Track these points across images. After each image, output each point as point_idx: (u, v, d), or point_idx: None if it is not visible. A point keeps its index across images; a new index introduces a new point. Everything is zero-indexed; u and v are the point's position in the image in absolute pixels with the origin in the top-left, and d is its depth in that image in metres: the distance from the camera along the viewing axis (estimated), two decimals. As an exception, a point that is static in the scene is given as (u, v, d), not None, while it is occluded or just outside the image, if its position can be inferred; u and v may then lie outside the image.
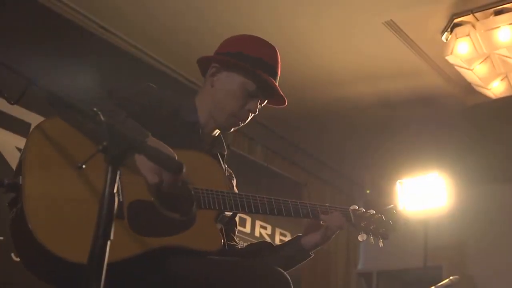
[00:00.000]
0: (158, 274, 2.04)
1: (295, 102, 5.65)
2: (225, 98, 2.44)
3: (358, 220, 2.57)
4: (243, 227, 5.72)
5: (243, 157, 6.01)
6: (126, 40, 5.11)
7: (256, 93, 2.44)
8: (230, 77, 2.44)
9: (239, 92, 2.42)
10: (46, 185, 1.96)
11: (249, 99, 2.43)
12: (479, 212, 6.91)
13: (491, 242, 6.81)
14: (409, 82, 5.46)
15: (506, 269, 6.59)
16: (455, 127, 6.06)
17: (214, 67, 2.47)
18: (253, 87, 2.42)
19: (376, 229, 2.60)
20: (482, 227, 6.89)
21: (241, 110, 2.44)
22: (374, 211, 2.63)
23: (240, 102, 2.43)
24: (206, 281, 2.03)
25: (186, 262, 2.07)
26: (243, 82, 2.42)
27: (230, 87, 2.43)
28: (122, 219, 2.00)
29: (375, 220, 2.61)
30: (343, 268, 7.43)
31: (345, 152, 6.87)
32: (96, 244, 1.42)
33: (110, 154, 1.48)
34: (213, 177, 2.31)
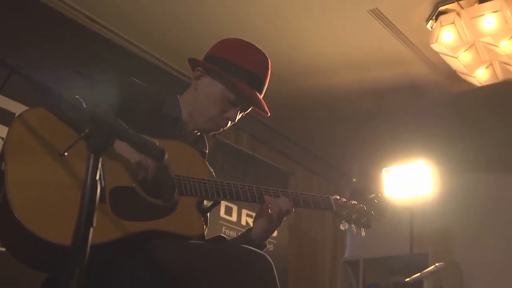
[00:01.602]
0: (139, 258, 2.06)
1: (281, 92, 5.71)
2: (205, 103, 2.46)
3: (340, 209, 2.59)
4: (229, 216, 5.73)
5: (229, 146, 6.02)
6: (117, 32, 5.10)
7: (237, 102, 2.46)
8: (212, 83, 2.46)
9: (219, 99, 2.44)
10: (29, 171, 1.98)
11: (229, 107, 2.46)
12: (464, 200, 6.96)
13: (476, 230, 6.85)
14: (394, 70, 5.47)
15: (491, 256, 6.65)
16: (440, 115, 6.09)
17: (198, 71, 2.50)
18: (233, 97, 2.44)
19: (358, 219, 2.63)
20: (467, 215, 6.93)
21: (220, 117, 2.46)
22: (355, 202, 2.66)
23: (219, 108, 2.45)
24: (187, 265, 2.04)
25: (167, 246, 2.09)
26: (224, 90, 2.44)
27: (211, 93, 2.45)
28: (104, 203, 2.01)
29: (357, 210, 2.64)
30: (330, 256, 7.46)
31: (331, 141, 6.89)
32: (79, 231, 1.43)
33: (92, 141, 1.49)
34: (194, 166, 2.34)
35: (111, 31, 5.07)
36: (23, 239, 1.90)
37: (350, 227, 2.62)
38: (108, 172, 2.07)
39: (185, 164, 2.29)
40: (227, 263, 2.05)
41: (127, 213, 2.07)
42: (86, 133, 1.49)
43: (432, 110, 6.02)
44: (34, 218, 1.90)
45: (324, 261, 7.38)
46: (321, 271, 7.30)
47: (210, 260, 2.06)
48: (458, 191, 6.96)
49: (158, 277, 2.04)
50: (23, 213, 1.89)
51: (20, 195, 1.91)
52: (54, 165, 2.01)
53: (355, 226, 2.63)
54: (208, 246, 2.23)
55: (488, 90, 5.39)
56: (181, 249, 2.10)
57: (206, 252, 2.12)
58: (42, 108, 2.09)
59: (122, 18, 4.97)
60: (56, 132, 2.05)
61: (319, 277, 7.23)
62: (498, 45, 4.73)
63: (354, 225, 2.63)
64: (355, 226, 2.63)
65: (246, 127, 6.40)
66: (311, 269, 7.14)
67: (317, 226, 7.34)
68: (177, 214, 2.17)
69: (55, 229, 1.89)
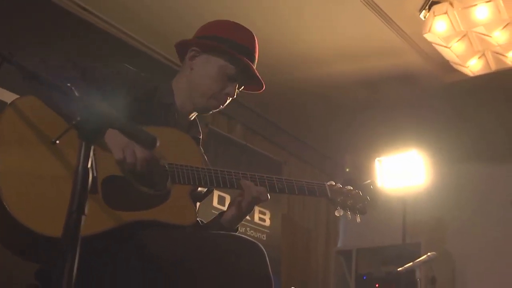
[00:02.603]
0: (132, 247, 2.06)
1: (274, 81, 5.66)
2: (204, 81, 2.46)
3: (335, 195, 2.58)
4: (223, 205, 5.73)
5: (222, 136, 6.02)
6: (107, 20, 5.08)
7: (235, 77, 2.47)
8: (210, 60, 2.46)
9: (218, 75, 2.45)
10: (20, 161, 1.97)
11: (228, 82, 2.46)
12: (456, 190, 6.98)
13: (469, 219, 6.88)
14: (387, 60, 5.47)
15: (483, 245, 6.68)
16: (433, 105, 6.09)
17: (193, 50, 2.49)
18: (233, 71, 2.45)
19: (353, 205, 2.61)
20: (460, 205, 6.96)
21: (221, 93, 2.46)
22: (351, 187, 2.65)
23: (219, 85, 2.45)
24: (180, 254, 2.04)
25: (160, 236, 2.09)
26: (223, 66, 2.45)
27: (209, 70, 2.46)
28: (96, 193, 2.01)
29: (352, 196, 2.62)
30: (323, 246, 7.48)
31: (324, 131, 6.89)
32: (70, 219, 1.43)
33: (84, 130, 1.49)
34: (188, 153, 2.33)
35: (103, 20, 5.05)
36: (14, 231, 1.90)
37: (345, 213, 2.62)
38: (100, 162, 2.07)
39: (178, 151, 2.28)
40: (219, 252, 2.04)
41: (119, 203, 2.07)
42: (78, 121, 1.48)
43: (425, 100, 6.03)
44: (25, 209, 1.89)
45: (317, 251, 7.39)
46: (314, 260, 7.32)
47: (202, 249, 2.06)
48: (451, 181, 6.98)
49: (150, 267, 2.04)
50: (14, 205, 1.88)
51: (10, 185, 1.91)
52: (46, 154, 2.00)
53: (350, 212, 2.62)
54: (201, 235, 2.23)
55: (480, 80, 5.40)
56: (173, 238, 2.10)
57: (198, 241, 2.11)
58: (34, 97, 2.09)
59: (114, 7, 4.96)
60: (48, 121, 2.04)
61: (312, 267, 7.25)
62: (491, 35, 4.74)
63: (349, 211, 2.62)
64: (350, 212, 2.62)
65: (240, 117, 6.39)
66: (304, 258, 7.16)
67: (310, 216, 7.35)
68: (170, 203, 2.17)
69: (46, 220, 1.89)
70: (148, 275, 2.03)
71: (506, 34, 4.76)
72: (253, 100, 6.10)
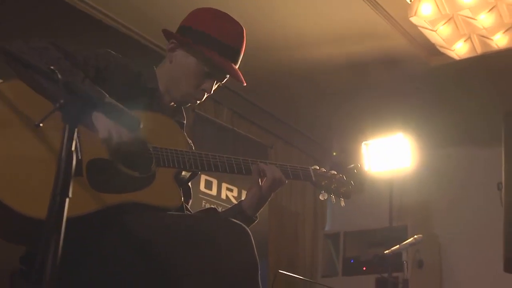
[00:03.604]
0: (116, 230, 2.06)
1: (261, 66, 5.70)
2: (181, 77, 2.46)
3: (319, 179, 2.59)
4: (209, 189, 5.74)
5: (209, 121, 6.01)
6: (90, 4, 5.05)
7: (213, 74, 2.46)
8: (187, 57, 2.46)
9: (194, 72, 2.44)
10: (4, 144, 1.96)
11: (205, 79, 2.46)
12: (443, 173, 7.02)
13: (455, 202, 6.93)
14: (373, 44, 5.47)
15: (469, 227, 6.73)
16: (419, 89, 6.11)
17: (172, 43, 2.49)
18: (209, 69, 2.44)
19: (337, 189, 2.63)
20: (446, 187, 7.00)
21: (197, 90, 2.47)
22: (335, 172, 2.67)
23: (195, 81, 2.45)
24: (165, 236, 2.05)
25: (144, 219, 2.09)
26: (198, 63, 2.44)
27: (186, 66, 2.45)
28: (80, 176, 2.01)
29: (336, 180, 2.64)
30: (310, 229, 7.50)
31: (311, 114, 6.89)
32: (54, 202, 1.43)
33: (67, 112, 1.49)
34: (173, 137, 2.34)
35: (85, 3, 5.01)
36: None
37: (329, 197, 2.63)
38: (85, 145, 2.07)
39: (163, 136, 2.29)
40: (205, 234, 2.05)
41: (104, 186, 2.07)
42: (61, 103, 1.48)
43: (411, 84, 6.04)
44: (10, 191, 1.90)
45: (304, 234, 7.42)
46: (302, 244, 7.34)
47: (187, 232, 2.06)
48: (437, 164, 7.02)
49: (136, 250, 2.05)
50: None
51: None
52: (31, 137, 2.00)
53: (334, 196, 2.64)
54: (184, 217, 2.24)
55: (466, 64, 5.41)
56: (157, 221, 2.11)
57: (183, 224, 2.12)
58: (18, 80, 2.08)
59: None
60: (33, 104, 2.04)
61: (299, 251, 7.28)
62: (477, 18, 4.74)
63: (333, 195, 2.64)
64: (334, 196, 2.64)
65: (226, 101, 6.39)
66: (292, 242, 7.18)
67: (297, 199, 7.37)
68: (155, 186, 2.17)
69: (31, 202, 1.89)
70: (133, 258, 2.04)
71: (491, 17, 4.77)
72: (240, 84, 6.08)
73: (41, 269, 1.38)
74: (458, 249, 6.81)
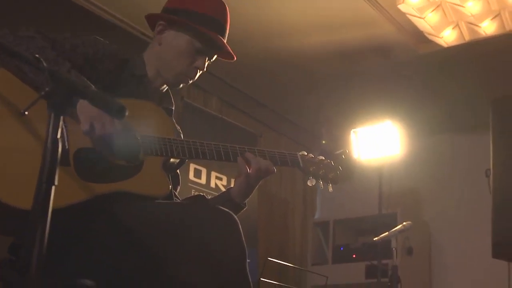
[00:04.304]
0: (105, 220, 2.06)
1: (249, 54, 5.69)
2: (172, 57, 2.46)
3: (307, 165, 2.58)
4: (199, 178, 5.74)
5: (198, 109, 6.00)
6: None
7: (203, 50, 2.46)
8: (177, 36, 2.46)
9: (186, 51, 2.44)
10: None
11: (196, 56, 2.46)
12: (431, 160, 7.04)
13: (444, 189, 6.95)
14: (361, 32, 5.46)
15: (458, 214, 6.76)
16: (408, 76, 6.11)
17: (161, 25, 2.48)
18: (200, 45, 2.44)
19: (325, 174, 2.61)
20: (435, 175, 7.02)
21: (189, 67, 2.46)
22: (323, 157, 2.66)
23: (188, 60, 2.45)
24: (153, 225, 2.05)
25: (133, 208, 2.09)
26: (190, 40, 2.44)
27: (177, 45, 2.45)
28: (68, 166, 2.00)
29: (324, 166, 2.62)
30: (300, 217, 7.52)
31: (300, 103, 6.89)
32: (40, 190, 1.42)
33: (53, 100, 1.48)
34: (160, 125, 2.33)
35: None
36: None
37: (317, 183, 2.62)
38: (72, 135, 2.06)
39: (151, 124, 2.27)
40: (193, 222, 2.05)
41: (92, 175, 2.07)
42: (46, 91, 1.48)
43: (400, 71, 6.04)
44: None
45: (294, 222, 7.43)
46: (291, 233, 7.36)
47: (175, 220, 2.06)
48: (426, 151, 7.04)
49: (124, 239, 2.05)
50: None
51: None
52: (17, 126, 1.99)
53: (322, 181, 2.62)
54: (172, 205, 2.23)
55: (455, 51, 5.42)
56: (146, 210, 2.11)
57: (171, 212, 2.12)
58: (3, 69, 2.07)
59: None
60: (19, 93, 2.03)
61: (289, 239, 7.29)
62: (464, 6, 4.76)
63: (321, 181, 2.63)
64: (322, 181, 2.62)
65: (215, 90, 6.38)
66: (281, 230, 7.20)
67: (287, 188, 7.38)
68: (143, 175, 2.16)
69: (19, 192, 1.88)
70: (122, 246, 2.04)
71: (479, 4, 4.79)
72: (229, 73, 6.09)
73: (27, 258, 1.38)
74: (447, 235, 6.84)
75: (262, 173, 2.41)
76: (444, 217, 6.87)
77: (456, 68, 5.90)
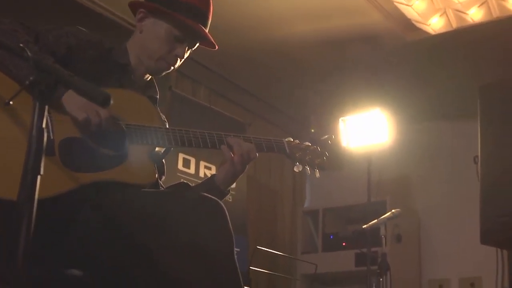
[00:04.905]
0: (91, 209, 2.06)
1: (237, 43, 5.68)
2: (152, 44, 2.46)
3: (293, 151, 2.59)
4: (187, 168, 5.73)
5: (186, 99, 5.99)
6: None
7: (183, 39, 2.46)
8: (157, 23, 2.46)
9: (165, 38, 2.44)
10: None
11: (176, 44, 2.46)
12: (420, 148, 7.06)
13: (433, 176, 6.97)
14: (349, 20, 5.45)
15: (446, 201, 6.78)
16: (396, 64, 6.11)
17: (141, 12, 2.49)
18: (179, 33, 2.44)
19: (311, 160, 2.62)
20: (424, 162, 7.04)
21: (169, 55, 2.46)
22: (309, 143, 2.66)
23: (167, 47, 2.45)
24: (140, 213, 2.05)
25: (119, 196, 2.09)
26: (169, 28, 2.44)
27: (157, 33, 2.45)
28: (53, 155, 2.00)
29: (311, 151, 2.63)
30: (289, 206, 7.53)
31: (289, 91, 6.89)
32: (26, 179, 1.42)
33: (37, 89, 1.48)
34: (145, 113, 2.34)
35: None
36: None
37: (304, 168, 2.63)
38: (57, 124, 2.06)
39: (135, 112, 2.28)
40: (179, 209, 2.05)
41: (77, 165, 2.07)
42: (31, 80, 1.47)
43: (388, 59, 6.04)
44: None
45: (283, 211, 7.44)
46: (281, 221, 7.36)
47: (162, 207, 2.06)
48: (415, 139, 7.05)
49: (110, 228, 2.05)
50: None
51: None
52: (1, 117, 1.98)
53: (309, 167, 2.63)
54: (158, 193, 2.23)
55: (442, 39, 5.43)
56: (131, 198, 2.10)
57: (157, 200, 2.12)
58: None
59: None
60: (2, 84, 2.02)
61: (279, 228, 7.30)
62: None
63: (308, 167, 2.63)
64: (309, 167, 2.63)
65: (204, 80, 6.38)
66: (271, 220, 7.20)
67: (276, 177, 7.38)
68: (128, 164, 2.17)
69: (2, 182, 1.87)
70: (108, 236, 2.04)
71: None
72: (217, 62, 6.08)
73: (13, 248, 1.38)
74: (436, 222, 6.87)
75: (245, 158, 2.41)
76: (433, 204, 6.90)
77: (444, 56, 5.91)
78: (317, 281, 6.69)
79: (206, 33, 2.49)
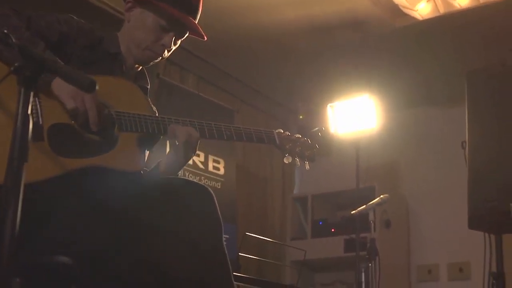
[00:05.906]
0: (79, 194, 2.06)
1: (225, 30, 5.66)
2: (139, 33, 2.47)
3: (283, 142, 2.60)
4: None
5: (174, 86, 5.98)
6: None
7: (169, 29, 2.46)
8: (144, 13, 2.47)
9: (152, 27, 2.45)
10: None
11: (163, 34, 2.47)
12: (408, 133, 7.09)
13: (421, 162, 7.00)
14: (337, 5, 5.45)
15: (434, 186, 6.82)
16: (384, 50, 6.12)
17: (129, 2, 2.50)
18: (165, 23, 2.44)
19: (301, 152, 2.63)
20: (412, 148, 7.07)
21: (156, 44, 2.47)
22: (300, 135, 2.68)
23: (153, 36, 2.46)
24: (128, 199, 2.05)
25: (107, 182, 2.09)
26: (155, 18, 2.45)
27: (143, 22, 2.47)
28: (42, 141, 2.00)
29: (301, 143, 2.65)
30: (279, 193, 7.54)
31: (277, 78, 6.88)
32: (12, 166, 1.42)
33: (22, 75, 1.47)
34: (135, 102, 2.35)
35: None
36: None
37: (294, 160, 2.64)
38: (46, 110, 2.06)
39: (125, 100, 2.29)
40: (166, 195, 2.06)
41: (66, 150, 2.08)
42: (16, 66, 1.47)
43: (375, 45, 6.05)
44: None
45: (273, 198, 7.45)
46: (271, 208, 7.38)
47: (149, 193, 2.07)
48: (403, 125, 7.08)
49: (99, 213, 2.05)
50: None
51: None
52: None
53: (299, 159, 2.65)
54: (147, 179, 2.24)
55: (430, 24, 5.43)
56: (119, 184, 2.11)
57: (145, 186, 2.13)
58: None
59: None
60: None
61: (268, 215, 7.32)
62: (439, -22, 4.77)
63: (298, 158, 2.65)
64: (299, 159, 2.65)
65: (192, 67, 6.37)
66: (260, 206, 7.21)
67: (266, 164, 7.39)
68: (117, 151, 2.18)
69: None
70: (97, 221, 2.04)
71: (453, -24, 4.80)
72: (205, 49, 6.06)
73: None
74: (424, 208, 6.91)
75: (187, 144, 2.35)
76: (421, 189, 6.94)
77: (431, 41, 5.92)
78: (306, 267, 6.71)
79: (194, 23, 2.49)
